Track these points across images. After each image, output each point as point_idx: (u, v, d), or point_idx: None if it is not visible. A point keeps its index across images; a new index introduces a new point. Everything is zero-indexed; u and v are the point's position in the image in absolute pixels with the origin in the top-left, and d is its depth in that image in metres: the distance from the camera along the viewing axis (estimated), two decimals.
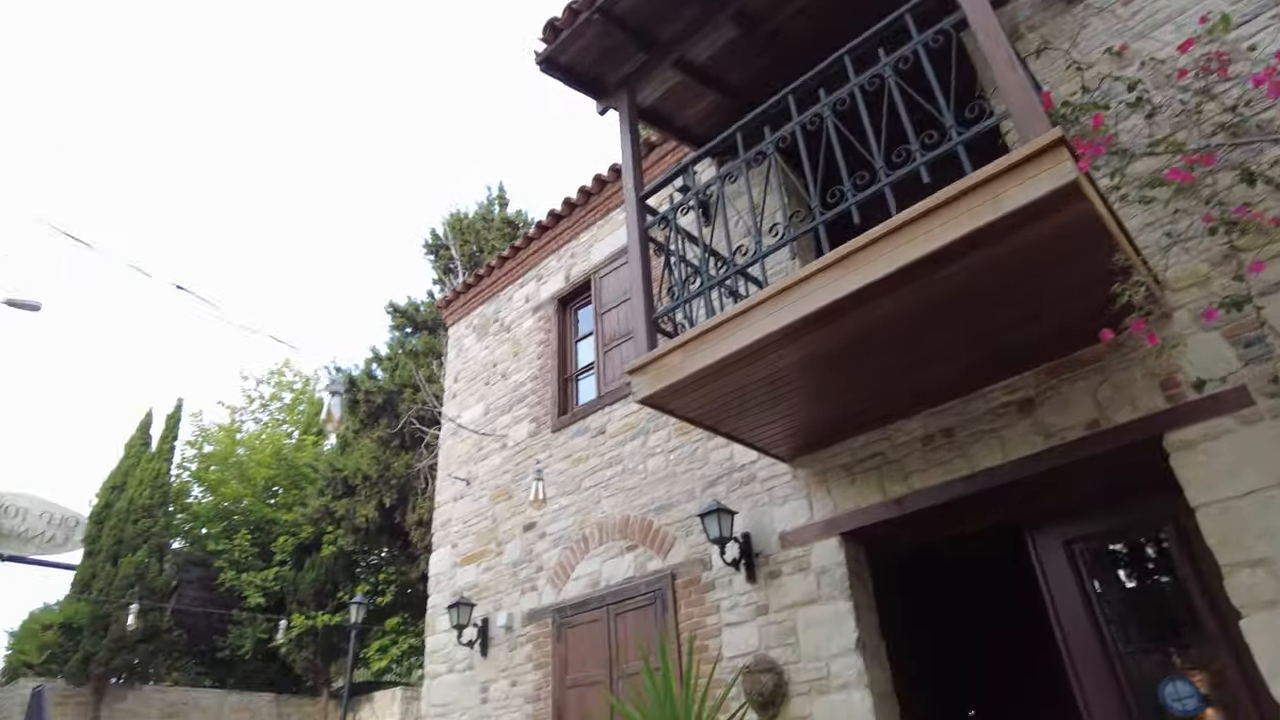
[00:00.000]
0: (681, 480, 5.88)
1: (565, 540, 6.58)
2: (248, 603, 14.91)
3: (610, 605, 5.96)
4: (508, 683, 6.59)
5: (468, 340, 8.78)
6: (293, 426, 18.90)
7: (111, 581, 13.23)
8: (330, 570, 14.79)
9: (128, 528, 13.85)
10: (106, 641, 12.85)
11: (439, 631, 7.55)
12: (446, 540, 7.88)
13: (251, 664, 15.15)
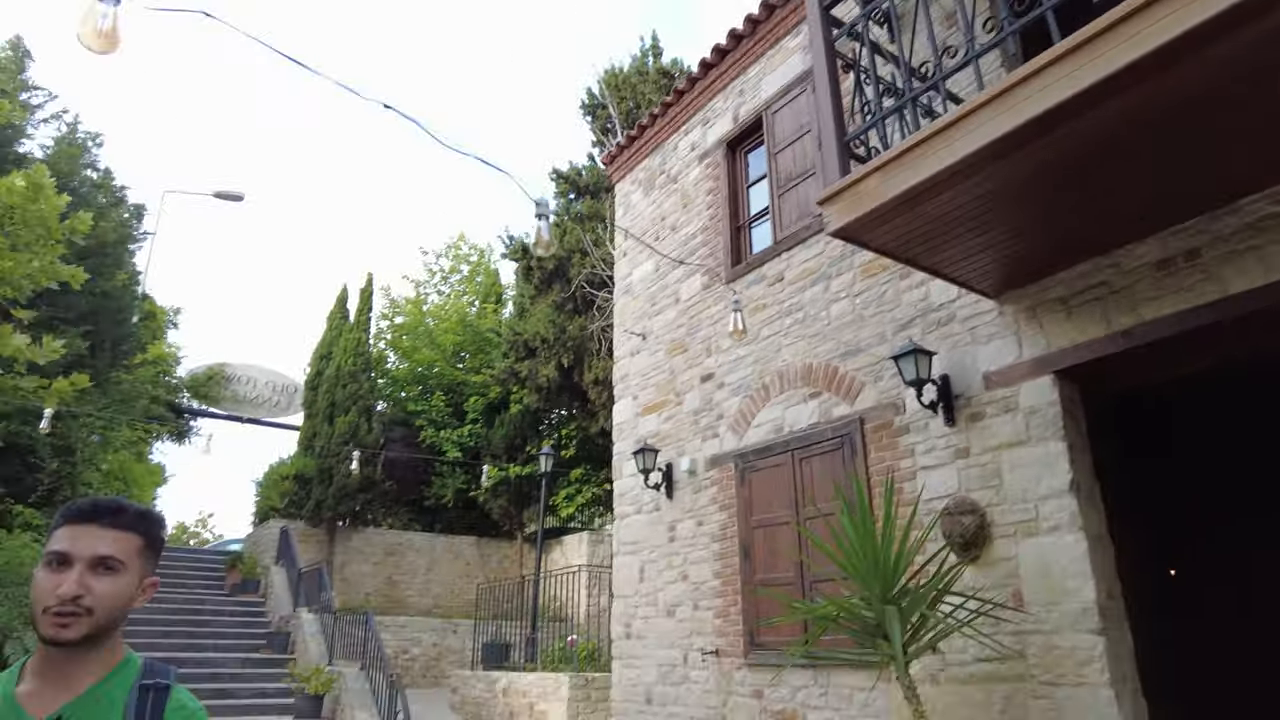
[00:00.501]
0: (870, 324, 5.61)
1: (744, 389, 6.56)
2: (446, 457, 16.36)
3: (795, 450, 5.93)
4: (694, 522, 6.84)
5: (634, 196, 8.66)
6: (473, 296, 19.95)
7: (330, 439, 14.89)
8: (518, 426, 15.85)
9: (338, 392, 15.39)
10: (332, 490, 14.63)
11: (625, 476, 7.91)
12: (627, 392, 8.11)
13: (453, 511, 16.78)
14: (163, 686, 1.36)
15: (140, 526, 1.40)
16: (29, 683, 1.30)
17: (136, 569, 1.37)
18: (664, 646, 6.89)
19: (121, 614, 1.35)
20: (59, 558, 1.30)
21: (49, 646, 1.29)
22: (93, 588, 1.29)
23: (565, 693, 8.98)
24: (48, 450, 9.46)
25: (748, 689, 5.95)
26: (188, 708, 1.38)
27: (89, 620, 1.28)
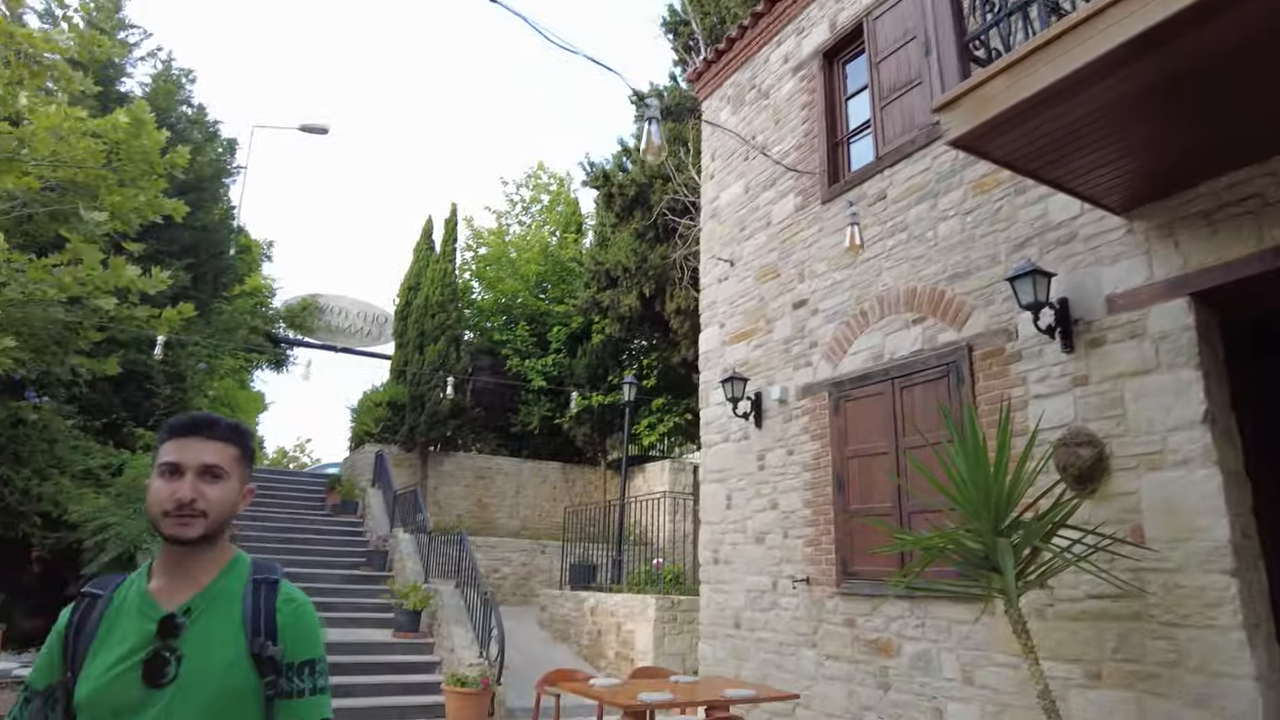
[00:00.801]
0: (981, 244, 5.26)
1: (840, 315, 6.31)
2: (531, 385, 16.63)
3: (895, 379, 5.70)
4: (784, 452, 6.72)
5: (723, 114, 8.31)
6: (553, 226, 19.93)
7: (421, 367, 15.29)
8: (600, 356, 15.94)
9: (426, 322, 15.72)
10: (424, 416, 15.09)
11: (712, 405, 7.82)
12: (714, 320, 7.95)
13: (539, 438, 17.13)
14: (272, 581, 1.51)
15: (235, 438, 1.53)
16: (158, 580, 1.46)
17: (237, 476, 1.51)
18: (752, 573, 6.89)
19: (229, 516, 1.49)
20: (171, 468, 1.45)
21: (172, 546, 1.45)
22: (204, 492, 1.44)
23: (652, 614, 9.17)
24: (161, 377, 10.00)
25: (840, 617, 5.90)
26: (295, 600, 1.52)
27: (204, 521, 1.43)
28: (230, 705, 1.38)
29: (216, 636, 1.41)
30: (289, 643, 1.46)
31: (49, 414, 8.29)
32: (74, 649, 1.40)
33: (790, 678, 6.27)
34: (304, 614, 1.51)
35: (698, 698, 4.90)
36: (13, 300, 6.70)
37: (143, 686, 1.34)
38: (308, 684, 1.47)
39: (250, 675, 1.40)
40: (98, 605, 1.45)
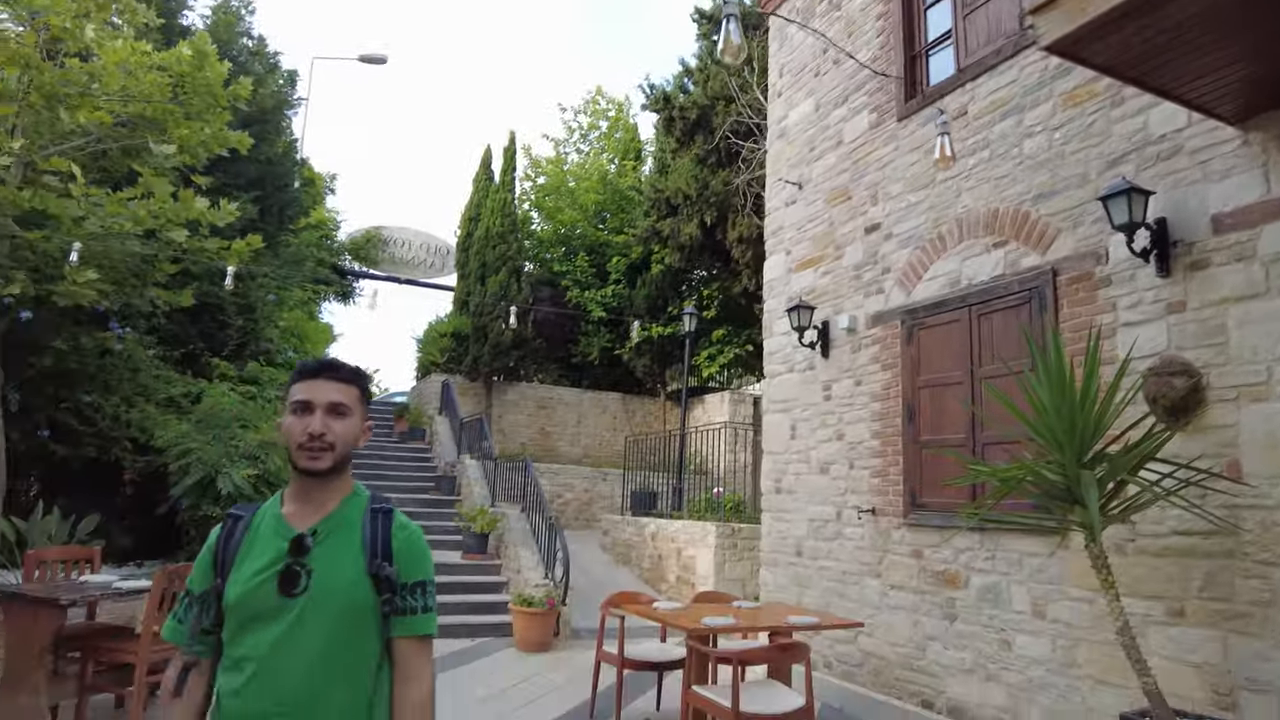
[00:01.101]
0: (1071, 162, 4.92)
1: (915, 240, 6.04)
2: (591, 316, 16.65)
3: (972, 306, 5.46)
4: (851, 382, 6.57)
5: (791, 27, 7.89)
6: (612, 154, 19.59)
7: (483, 298, 15.41)
8: (660, 287, 15.81)
9: (487, 253, 15.77)
10: (487, 347, 15.29)
11: (776, 334, 7.67)
12: (780, 246, 7.73)
13: (599, 369, 17.23)
14: (388, 510, 1.70)
15: (357, 380, 1.71)
16: (289, 505, 1.66)
17: (359, 413, 1.69)
18: (816, 503, 6.84)
19: (352, 449, 1.67)
20: (303, 405, 1.62)
21: (304, 476, 1.63)
22: (332, 427, 1.61)
23: (712, 540, 9.25)
24: (233, 309, 10.28)
25: (906, 548, 5.83)
26: (409, 528, 1.71)
27: (332, 454, 1.62)
28: (353, 617, 1.57)
29: (340, 557, 1.60)
30: (403, 565, 1.64)
31: (132, 344, 8.61)
32: (223, 560, 1.61)
33: (853, 606, 6.27)
34: (416, 540, 1.69)
35: (761, 623, 4.92)
36: (93, 234, 6.89)
37: (278, 595, 1.54)
38: (419, 602, 1.64)
39: (369, 592, 1.59)
40: (240, 525, 1.65)
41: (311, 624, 1.53)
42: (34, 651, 4.46)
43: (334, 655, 1.55)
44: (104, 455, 8.10)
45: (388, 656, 1.63)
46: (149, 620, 4.57)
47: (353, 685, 1.56)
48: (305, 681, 1.52)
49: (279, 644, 1.52)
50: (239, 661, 1.55)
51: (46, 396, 7.75)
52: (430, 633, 1.67)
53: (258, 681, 1.52)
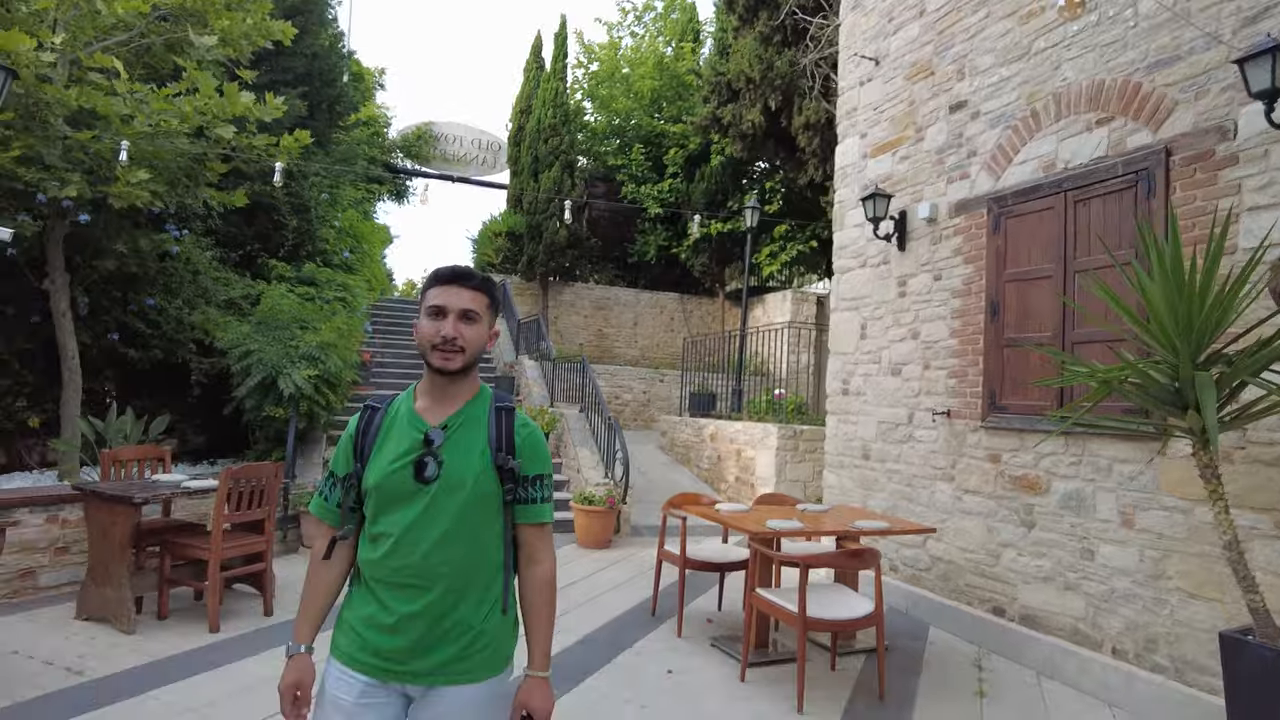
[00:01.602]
0: (1199, 20, 4.28)
1: (1006, 119, 5.48)
2: (648, 213, 16.16)
3: (1068, 191, 4.95)
4: (929, 276, 6.16)
5: None
6: (669, 36, 18.52)
7: (537, 196, 15.04)
8: (719, 180, 15.18)
9: (540, 147, 15.27)
10: (542, 246, 15.03)
11: (847, 227, 7.22)
12: (853, 130, 7.17)
13: (656, 268, 16.87)
14: (510, 408, 1.80)
15: (486, 288, 1.78)
16: (421, 401, 1.78)
17: (487, 320, 1.77)
18: (886, 405, 6.56)
19: (481, 352, 1.77)
20: (437, 310, 1.72)
21: (436, 375, 1.75)
22: (463, 332, 1.71)
23: (774, 442, 9.09)
24: (287, 209, 10.19)
25: (983, 452, 5.54)
26: (529, 425, 1.82)
27: (463, 356, 1.72)
28: (479, 504, 1.70)
29: (469, 449, 1.72)
30: (524, 459, 1.76)
31: (189, 246, 8.62)
32: (362, 447, 1.76)
33: (922, 510, 6.07)
34: (536, 437, 1.80)
35: (827, 527, 4.75)
36: (141, 133, 6.76)
37: (414, 481, 1.68)
38: (539, 493, 1.77)
39: (494, 482, 1.72)
40: (377, 415, 1.79)
41: (442, 507, 1.68)
42: (115, 546, 4.58)
43: (461, 535, 1.69)
44: (171, 357, 8.24)
45: (513, 540, 1.78)
46: (218, 518, 4.64)
47: (478, 562, 1.72)
48: (435, 554, 1.68)
49: (413, 524, 1.67)
50: (378, 537, 1.71)
51: (113, 300, 7.84)
52: (548, 520, 1.79)
53: (394, 554, 1.68)
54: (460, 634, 1.69)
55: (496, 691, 1.75)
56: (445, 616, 1.68)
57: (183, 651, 4.30)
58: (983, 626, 5.35)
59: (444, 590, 1.68)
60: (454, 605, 1.69)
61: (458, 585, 1.69)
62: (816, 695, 4.20)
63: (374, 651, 1.69)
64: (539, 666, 1.77)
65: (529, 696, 1.75)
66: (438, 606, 1.68)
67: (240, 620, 4.90)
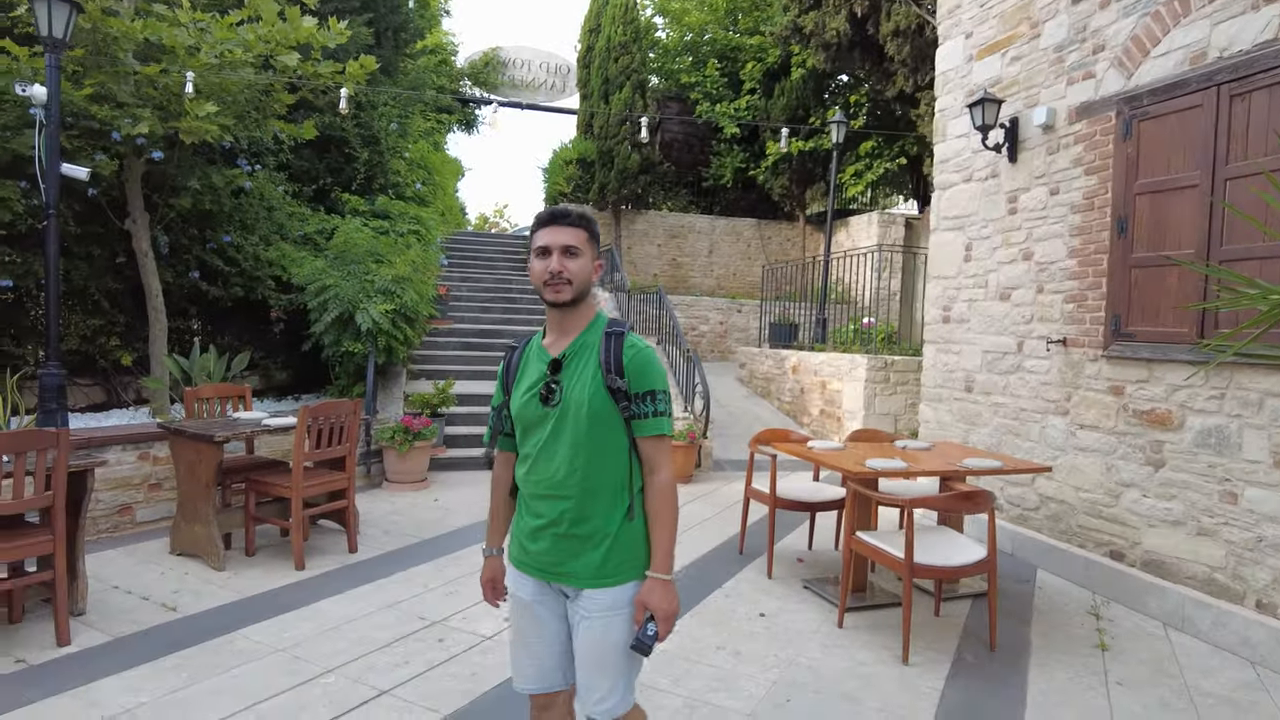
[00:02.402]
0: None
1: (1145, 4, 4.76)
2: (723, 133, 15.45)
3: (1222, 85, 4.27)
4: (1045, 190, 5.55)
5: None
6: None
7: (608, 119, 14.50)
8: (800, 95, 14.32)
9: (610, 67, 14.64)
10: (614, 173, 14.55)
11: (950, 138, 6.60)
12: (957, 29, 6.46)
13: (732, 192, 16.22)
14: (620, 333, 1.93)
15: (583, 224, 1.94)
16: (548, 336, 1.99)
17: (589, 253, 1.93)
18: (992, 332, 6.05)
19: (588, 283, 1.93)
20: (543, 250, 1.90)
21: (552, 308, 1.93)
22: (567, 265, 1.88)
23: (862, 374, 8.65)
24: (357, 140, 10.03)
25: (1103, 383, 5.03)
26: (636, 345, 1.92)
27: (571, 287, 1.88)
28: (595, 421, 1.87)
29: (583, 374, 1.89)
30: (633, 378, 1.88)
31: (262, 181, 8.57)
32: (506, 382, 2.03)
33: (1030, 446, 5.62)
34: (643, 356, 1.90)
35: (933, 466, 4.39)
36: (207, 65, 6.60)
37: (541, 407, 1.90)
38: (650, 408, 1.89)
39: (607, 401, 1.87)
40: (516, 353, 2.04)
41: (566, 428, 1.88)
42: (200, 484, 4.59)
43: (584, 451, 1.87)
44: (251, 294, 8.28)
45: (636, 452, 1.92)
46: (298, 456, 4.58)
47: (603, 474, 1.89)
48: (565, 469, 1.88)
49: (545, 443, 1.90)
50: (523, 457, 1.97)
51: (192, 238, 7.87)
52: (662, 433, 1.91)
53: (534, 470, 1.93)
54: (600, 540, 1.90)
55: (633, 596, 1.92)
56: (581, 523, 1.90)
57: (269, 590, 4.30)
58: (1098, 571, 4.95)
59: (577, 500, 1.89)
60: (587, 514, 1.90)
61: (588, 496, 1.88)
62: (921, 644, 3.92)
63: (531, 555, 1.97)
64: (659, 568, 1.89)
65: (649, 595, 1.87)
66: (572, 513, 1.90)
67: (325, 558, 4.89)
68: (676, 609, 1.89)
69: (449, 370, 9.65)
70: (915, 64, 12.28)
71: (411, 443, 6.63)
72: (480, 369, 9.96)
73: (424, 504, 6.37)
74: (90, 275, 7.26)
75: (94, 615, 3.84)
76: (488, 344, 10.73)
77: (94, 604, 3.95)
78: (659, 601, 1.86)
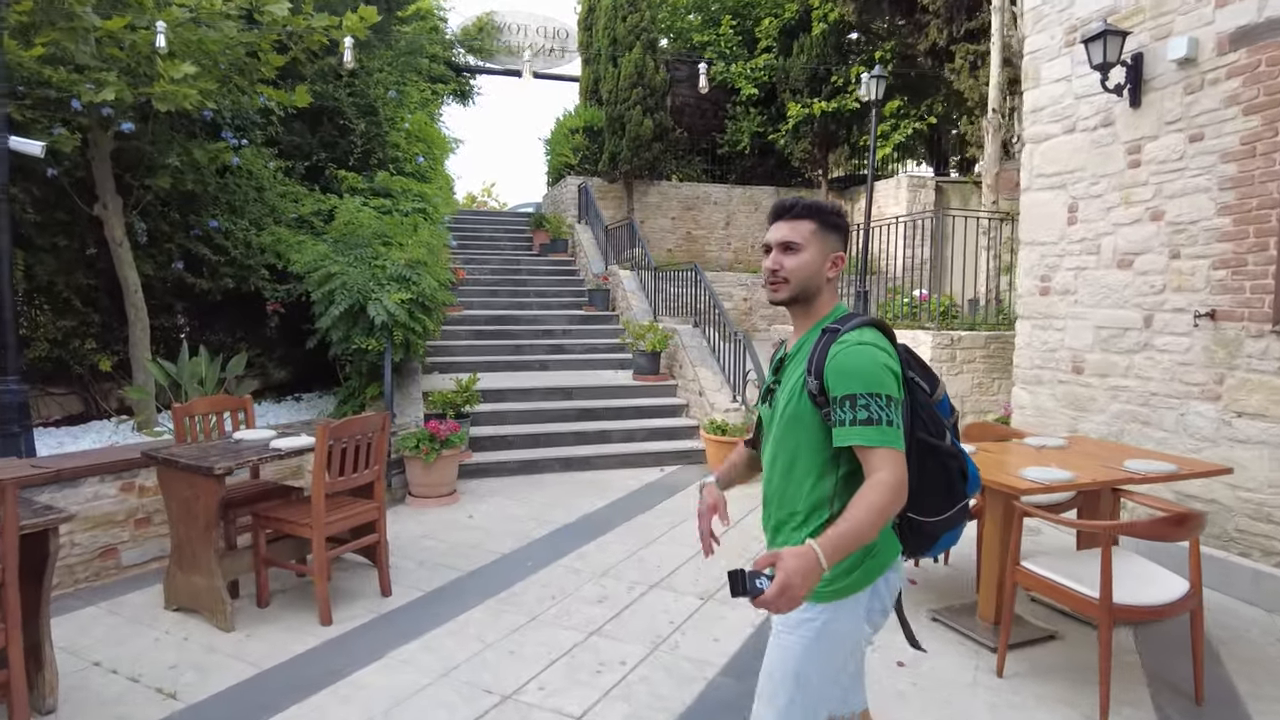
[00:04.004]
0: None
1: None
2: (740, 95, 14.47)
3: None
4: (1181, 138, 4.71)
5: None
6: None
7: (616, 83, 13.48)
8: (821, 51, 13.34)
9: (617, 26, 13.59)
10: (625, 141, 13.54)
11: (1045, 83, 5.74)
12: None
13: (749, 159, 15.26)
14: (835, 329, 1.73)
15: (809, 214, 1.79)
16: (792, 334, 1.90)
17: (815, 246, 1.78)
18: (1107, 305, 5.25)
19: (812, 280, 1.78)
20: (766, 248, 1.83)
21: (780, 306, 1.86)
22: (783, 263, 1.78)
23: (927, 352, 7.82)
24: (353, 111, 9.07)
25: (1271, 364, 4.24)
26: (846, 343, 1.68)
27: (787, 286, 1.79)
28: (795, 425, 1.75)
29: (793, 375, 1.79)
30: (830, 380, 1.66)
31: (250, 157, 7.62)
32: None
33: (1164, 437, 4.84)
34: (844, 357, 1.65)
35: (1098, 474, 3.57)
36: (180, 20, 5.65)
37: (767, 409, 1.90)
38: (847, 414, 1.62)
39: (806, 404, 1.72)
40: (777, 352, 1.94)
41: (776, 431, 1.81)
42: (198, 526, 3.74)
43: (786, 455, 1.78)
44: (244, 285, 7.37)
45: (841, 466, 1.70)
46: (318, 487, 3.73)
47: (795, 484, 1.76)
48: (772, 476, 1.83)
49: (766, 447, 1.88)
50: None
51: (173, 224, 6.94)
52: (864, 443, 1.59)
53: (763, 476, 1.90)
54: None
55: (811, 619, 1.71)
56: (775, 535, 1.82)
57: (292, 656, 3.46)
58: (1270, 585, 4.19)
59: (774, 510, 1.83)
60: (781, 527, 1.80)
61: (784, 507, 1.79)
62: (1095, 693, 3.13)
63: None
64: (821, 539, 1.51)
65: (787, 555, 1.47)
66: (772, 525, 1.84)
67: (354, 604, 4.06)
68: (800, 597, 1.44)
69: (463, 363, 8.78)
70: (950, 13, 11.35)
71: (439, 451, 5.79)
72: (496, 359, 9.11)
73: (458, 522, 5.54)
74: (58, 269, 6.33)
75: (68, 710, 2.99)
76: (501, 330, 9.86)
77: (69, 693, 3.08)
78: (788, 565, 1.44)
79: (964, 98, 11.53)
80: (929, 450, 1.73)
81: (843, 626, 1.70)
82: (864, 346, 1.64)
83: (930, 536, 1.82)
